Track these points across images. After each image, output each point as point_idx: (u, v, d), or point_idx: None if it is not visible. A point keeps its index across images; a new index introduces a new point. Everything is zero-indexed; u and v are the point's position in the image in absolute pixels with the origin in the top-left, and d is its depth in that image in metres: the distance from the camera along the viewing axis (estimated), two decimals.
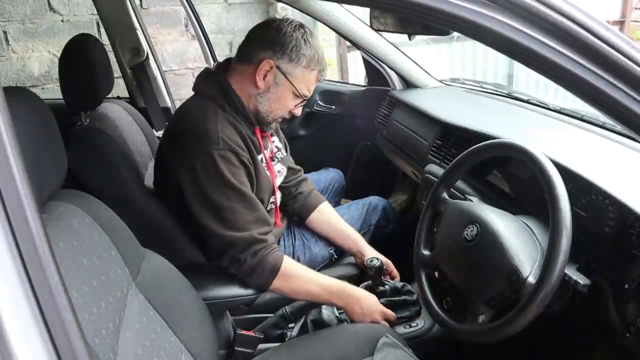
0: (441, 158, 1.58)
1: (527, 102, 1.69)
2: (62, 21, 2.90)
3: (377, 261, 1.35)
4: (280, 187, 1.51)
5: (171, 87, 2.36)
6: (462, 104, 1.88)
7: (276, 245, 1.29)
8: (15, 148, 0.42)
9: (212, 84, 1.30)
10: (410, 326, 1.31)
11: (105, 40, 2.27)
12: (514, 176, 1.27)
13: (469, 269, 1.06)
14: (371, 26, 1.23)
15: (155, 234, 1.27)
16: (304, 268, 1.30)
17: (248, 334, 1.17)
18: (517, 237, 1.00)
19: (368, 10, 1.30)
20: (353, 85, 2.43)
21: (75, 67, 1.35)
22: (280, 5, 3.27)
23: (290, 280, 1.25)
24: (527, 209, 1.15)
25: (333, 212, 1.59)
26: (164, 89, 2.28)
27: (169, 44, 3.19)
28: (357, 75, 3.78)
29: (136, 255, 0.93)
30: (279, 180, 1.47)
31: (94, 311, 0.72)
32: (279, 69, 1.26)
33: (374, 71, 2.15)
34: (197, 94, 1.34)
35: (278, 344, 1.21)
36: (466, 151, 1.20)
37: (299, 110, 1.36)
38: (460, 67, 4.27)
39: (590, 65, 0.61)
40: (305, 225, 1.58)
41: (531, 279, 0.92)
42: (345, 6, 1.86)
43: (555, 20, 0.60)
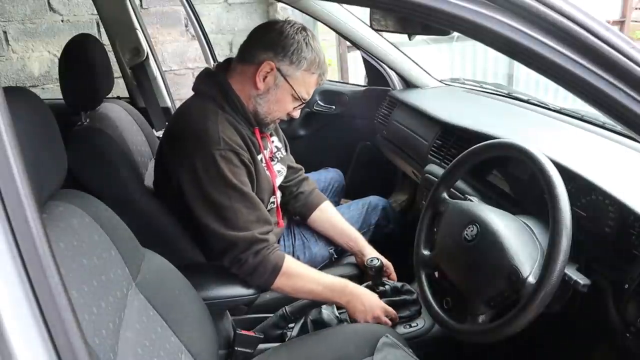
0: (441, 158, 1.58)
1: (527, 102, 1.69)
2: (62, 21, 2.90)
3: (377, 261, 1.35)
4: (281, 186, 1.51)
5: (171, 87, 2.36)
6: (462, 104, 1.88)
7: (277, 244, 1.29)
8: (15, 148, 0.42)
9: (212, 84, 1.30)
10: (410, 326, 1.31)
11: (105, 40, 2.27)
12: (514, 176, 1.27)
13: (469, 269, 1.06)
14: (371, 26, 1.23)
15: (155, 234, 1.27)
16: (305, 267, 1.30)
17: (248, 334, 1.17)
18: (517, 237, 1.00)
19: (368, 10, 1.30)
20: (353, 85, 2.42)
21: (75, 67, 1.35)
22: (280, 5, 3.27)
23: (292, 279, 1.25)
24: (527, 209, 1.15)
25: (334, 212, 1.59)
26: (164, 89, 2.28)
27: (169, 44, 3.19)
28: (357, 75, 3.78)
29: (136, 255, 0.93)
30: (279, 180, 1.47)
31: (94, 311, 0.72)
32: (279, 71, 1.26)
33: (374, 71, 2.14)
34: (197, 94, 1.34)
35: (278, 344, 1.21)
36: (466, 151, 1.20)
37: (297, 113, 1.36)
38: (460, 67, 4.27)
39: (590, 65, 0.61)
40: (306, 224, 1.58)
41: (531, 279, 0.92)
42: (345, 6, 1.86)
43: (555, 20, 0.60)
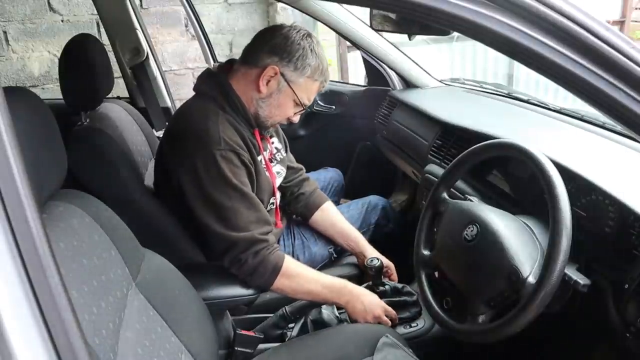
0: (441, 158, 1.58)
1: (527, 102, 1.69)
2: (62, 21, 2.90)
3: (377, 261, 1.35)
4: (282, 187, 1.51)
5: (171, 87, 2.36)
6: (462, 104, 1.87)
7: (277, 245, 1.29)
8: (15, 148, 0.42)
9: (213, 84, 1.31)
10: (410, 326, 1.31)
11: (105, 40, 2.27)
12: (514, 176, 1.27)
13: (469, 269, 1.06)
14: (371, 26, 1.23)
15: (155, 234, 1.27)
16: (305, 267, 1.30)
17: (248, 334, 1.17)
18: (517, 237, 1.00)
19: (368, 10, 1.30)
20: (353, 85, 2.42)
21: (75, 67, 1.35)
22: (280, 5, 3.27)
23: (292, 280, 1.25)
24: (527, 209, 1.15)
25: (336, 212, 1.59)
26: (164, 89, 2.28)
27: (169, 44, 3.19)
28: (357, 75, 3.78)
29: (136, 255, 0.93)
30: (279, 181, 1.47)
31: (94, 311, 0.72)
32: (283, 76, 1.27)
33: (374, 71, 2.14)
34: (197, 94, 1.34)
35: (278, 344, 1.21)
36: (466, 151, 1.20)
37: (297, 118, 1.37)
38: (460, 67, 4.27)
39: (590, 65, 0.61)
40: (305, 224, 1.58)
41: (531, 279, 0.92)
42: (345, 6, 1.86)
43: (555, 20, 0.60)
